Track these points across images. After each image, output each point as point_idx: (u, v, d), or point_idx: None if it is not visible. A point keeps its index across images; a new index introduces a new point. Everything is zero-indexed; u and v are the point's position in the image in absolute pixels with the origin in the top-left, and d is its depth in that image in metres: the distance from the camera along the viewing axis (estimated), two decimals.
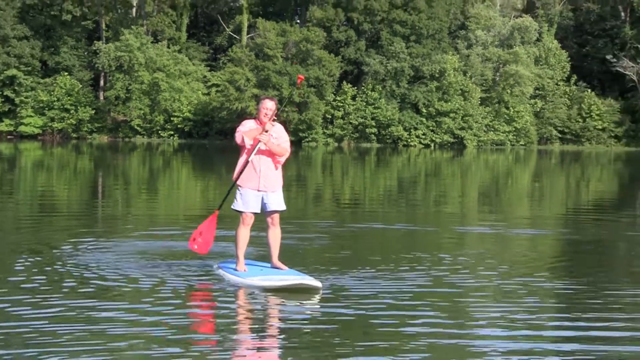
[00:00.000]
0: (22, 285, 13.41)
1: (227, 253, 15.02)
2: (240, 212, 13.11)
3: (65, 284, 13.58)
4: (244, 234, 13.07)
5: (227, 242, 16.29)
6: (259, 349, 10.01)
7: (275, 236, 13.18)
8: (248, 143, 12.93)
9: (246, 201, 13.06)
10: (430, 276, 14.39)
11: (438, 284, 13.80)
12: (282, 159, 13.34)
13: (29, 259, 15.73)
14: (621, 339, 10.92)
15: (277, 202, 13.13)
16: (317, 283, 12.33)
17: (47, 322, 11.04)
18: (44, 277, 14.08)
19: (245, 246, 13.20)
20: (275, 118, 13.21)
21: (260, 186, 12.99)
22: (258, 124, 13.14)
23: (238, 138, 13.09)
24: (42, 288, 13.27)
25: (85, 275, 14.27)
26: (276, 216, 13.21)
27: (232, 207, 13.29)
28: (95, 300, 12.52)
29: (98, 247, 17.75)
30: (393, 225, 24.04)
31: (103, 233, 20.82)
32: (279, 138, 13.13)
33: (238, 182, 13.13)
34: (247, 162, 13.04)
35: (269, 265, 13.30)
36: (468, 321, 11.69)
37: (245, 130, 13.01)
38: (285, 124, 13.65)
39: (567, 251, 19.98)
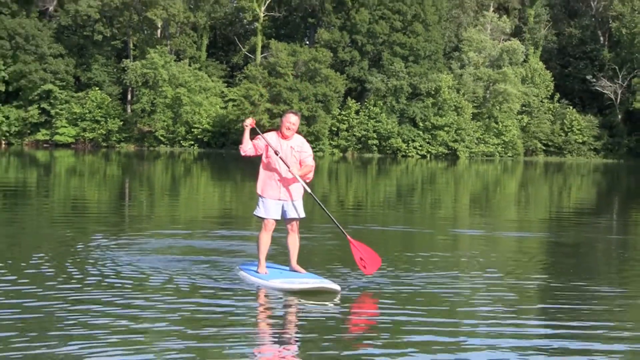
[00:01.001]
0: (50, 277, 13.41)
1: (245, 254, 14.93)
2: (262, 219, 12.86)
3: (90, 277, 13.57)
4: (265, 238, 12.84)
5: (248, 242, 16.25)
6: (276, 342, 9.98)
7: (294, 242, 12.93)
8: (246, 148, 12.89)
9: (267, 209, 12.77)
10: (425, 275, 14.36)
11: (433, 282, 13.76)
12: (311, 175, 13.15)
13: (60, 253, 15.75)
14: (598, 335, 10.90)
15: (296, 210, 12.85)
16: (336, 286, 12.11)
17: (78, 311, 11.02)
18: (75, 269, 14.07)
19: (267, 250, 12.95)
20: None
21: (281, 196, 12.74)
22: (280, 136, 12.89)
23: (246, 149, 12.97)
24: (72, 280, 13.27)
25: (110, 269, 14.27)
26: (295, 223, 12.93)
27: (254, 213, 13.08)
28: (115, 292, 12.50)
29: (123, 243, 17.76)
30: (392, 227, 24.03)
31: (129, 231, 20.82)
32: (302, 152, 12.87)
33: (261, 192, 12.89)
34: (266, 173, 12.86)
35: (287, 268, 13.10)
36: (460, 317, 11.66)
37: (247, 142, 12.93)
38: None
39: (550, 252, 19.95)
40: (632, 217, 32.15)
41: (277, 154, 12.61)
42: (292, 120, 12.80)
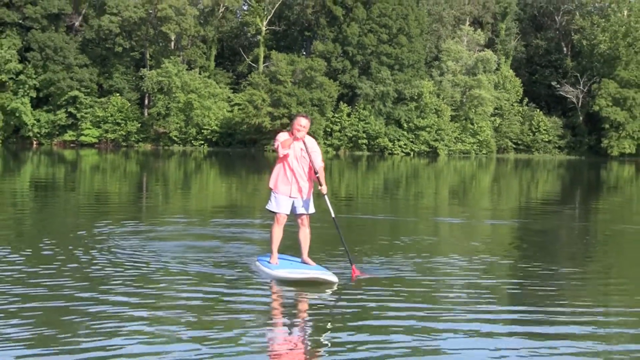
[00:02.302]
0: (77, 263, 13.41)
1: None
2: (275, 213, 12.49)
3: (107, 262, 13.57)
4: (277, 231, 12.45)
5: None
6: (269, 327, 9.95)
7: (304, 235, 12.52)
8: (282, 152, 12.28)
9: (279, 204, 12.40)
10: (409, 260, 14.35)
11: (417, 267, 13.73)
12: (322, 170, 12.61)
13: (84, 241, 15.75)
14: (565, 313, 10.90)
15: (305, 206, 12.45)
16: (333, 278, 11.69)
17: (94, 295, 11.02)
18: (95, 254, 14.07)
19: (279, 242, 12.53)
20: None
21: (293, 193, 12.39)
22: (291, 135, 12.35)
23: (275, 146, 12.47)
24: (93, 264, 13.26)
25: (127, 255, 14.27)
26: (305, 218, 12.51)
27: (266, 207, 12.70)
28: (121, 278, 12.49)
29: (140, 230, 17.76)
30: (380, 216, 24.04)
31: (146, 219, 20.80)
32: (314, 152, 12.37)
33: (274, 188, 12.49)
34: (280, 171, 12.44)
35: (299, 260, 12.65)
36: (440, 301, 11.66)
37: (282, 141, 12.30)
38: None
39: (520, 238, 19.94)
40: (591, 206, 32.16)
41: (316, 174, 12.31)
42: (302, 123, 12.33)
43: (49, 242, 15.46)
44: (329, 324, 9.71)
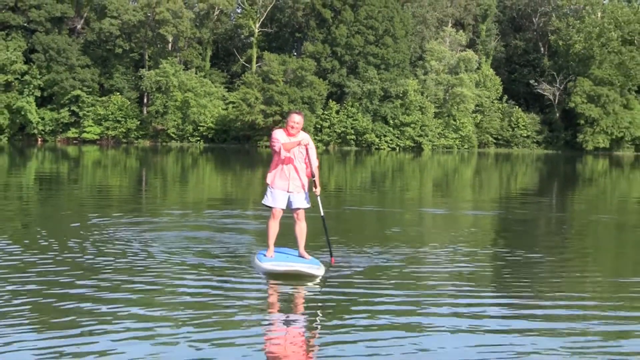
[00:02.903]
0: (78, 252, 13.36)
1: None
2: (271, 207, 12.03)
3: (108, 253, 13.52)
4: (273, 225, 12.01)
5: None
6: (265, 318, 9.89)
7: (300, 229, 12.12)
8: (284, 154, 11.89)
9: (275, 198, 11.95)
10: (395, 249, 14.32)
11: (402, 256, 13.68)
12: (317, 169, 12.32)
13: (85, 232, 15.70)
14: (542, 296, 10.91)
15: (301, 201, 12.04)
16: (319, 272, 11.34)
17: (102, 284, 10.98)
18: (95, 245, 14.03)
19: (275, 236, 12.05)
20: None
21: (289, 188, 12.01)
22: (287, 133, 11.93)
23: (276, 147, 11.95)
24: (90, 254, 13.22)
25: (126, 245, 14.23)
26: (301, 212, 12.11)
27: (262, 202, 12.23)
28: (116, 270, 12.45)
29: (140, 221, 17.70)
30: (367, 207, 24.02)
31: (146, 212, 20.75)
32: (309, 149, 12.02)
33: (271, 183, 12.06)
34: (278, 166, 12.03)
35: (296, 253, 12.24)
36: (423, 288, 11.64)
37: (285, 142, 11.86)
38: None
39: (500, 227, 19.95)
40: (567, 197, 32.21)
41: (313, 177, 12.13)
42: (295, 119, 11.96)
43: (49, 233, 15.39)
44: (319, 311, 9.65)
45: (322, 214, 12.50)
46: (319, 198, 12.34)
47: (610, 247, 16.97)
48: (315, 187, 12.15)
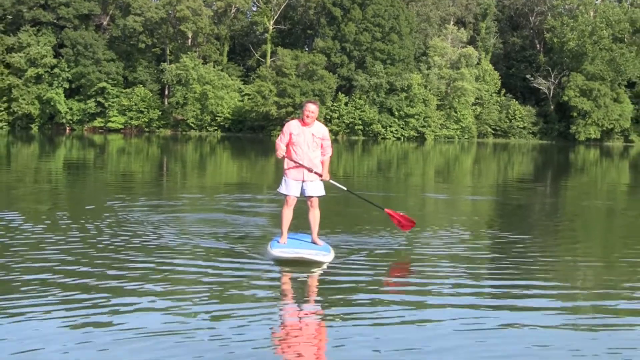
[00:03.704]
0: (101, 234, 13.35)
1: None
2: (285, 195, 11.68)
3: (126, 236, 13.52)
4: (287, 213, 11.65)
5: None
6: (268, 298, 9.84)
7: (314, 217, 11.68)
8: (280, 154, 11.49)
9: (289, 187, 11.54)
10: (398, 231, 14.28)
11: (407, 240, 13.64)
12: (328, 159, 11.85)
13: (106, 213, 15.70)
14: (537, 277, 10.90)
15: (314, 189, 11.56)
16: (326, 259, 10.93)
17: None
18: (118, 228, 14.02)
19: (289, 223, 11.69)
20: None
21: (304, 177, 11.50)
22: (302, 123, 11.54)
23: (277, 145, 11.60)
24: (114, 236, 13.21)
25: (147, 229, 14.23)
26: (315, 200, 11.64)
27: (278, 190, 11.86)
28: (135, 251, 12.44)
29: (158, 205, 17.70)
30: (373, 192, 23.98)
31: (166, 197, 20.76)
32: (324, 139, 11.67)
33: (285, 172, 11.63)
34: (294, 154, 11.56)
35: (309, 240, 11.74)
36: (426, 268, 11.63)
37: (279, 143, 11.52)
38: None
39: (498, 212, 19.92)
40: (561, 184, 32.14)
41: (311, 172, 11.53)
42: (311, 108, 11.45)
43: (71, 214, 15.40)
44: (322, 297, 9.60)
45: (344, 188, 12.34)
46: (332, 181, 11.96)
47: (599, 231, 16.92)
48: (321, 175, 11.62)
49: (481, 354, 7.00)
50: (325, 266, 10.79)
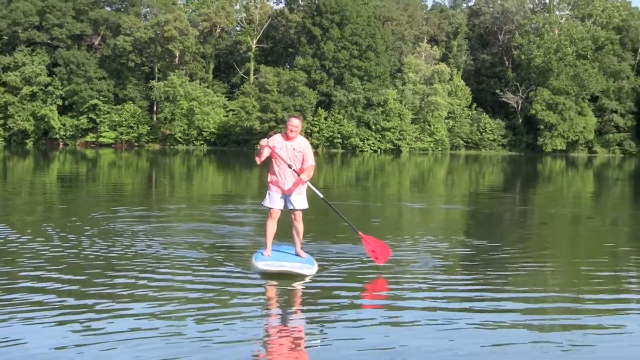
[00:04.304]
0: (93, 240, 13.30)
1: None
2: (269, 208, 11.23)
3: (118, 246, 13.46)
4: (270, 225, 11.19)
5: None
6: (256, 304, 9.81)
7: (297, 230, 11.26)
8: (258, 160, 11.12)
9: (272, 200, 11.13)
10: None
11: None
12: (312, 172, 11.30)
13: (100, 223, 15.64)
14: (507, 282, 10.94)
15: (297, 202, 11.17)
16: (308, 272, 10.49)
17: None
18: (109, 238, 13.97)
19: (272, 236, 11.25)
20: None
21: (285, 190, 11.06)
22: (285, 138, 11.14)
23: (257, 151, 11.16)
24: (105, 247, 13.15)
25: (137, 240, 14.18)
26: (298, 213, 11.24)
27: (262, 203, 11.42)
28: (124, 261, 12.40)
29: (149, 215, 17.64)
30: (352, 201, 23.97)
31: (155, 207, 20.70)
32: (305, 153, 11.23)
33: (269, 186, 11.21)
34: (274, 169, 11.15)
35: (293, 252, 11.35)
36: (402, 273, 11.63)
37: (258, 150, 11.05)
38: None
39: (470, 220, 19.96)
40: (529, 193, 32.26)
41: (290, 168, 11.06)
42: (294, 123, 11.10)
43: (60, 224, 15.33)
44: (306, 306, 9.59)
45: (321, 196, 11.53)
46: (309, 184, 11.29)
47: (565, 237, 17.00)
48: (298, 176, 11.06)
49: (453, 351, 7.11)
50: (307, 279, 10.42)
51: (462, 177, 44.45)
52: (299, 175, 11.10)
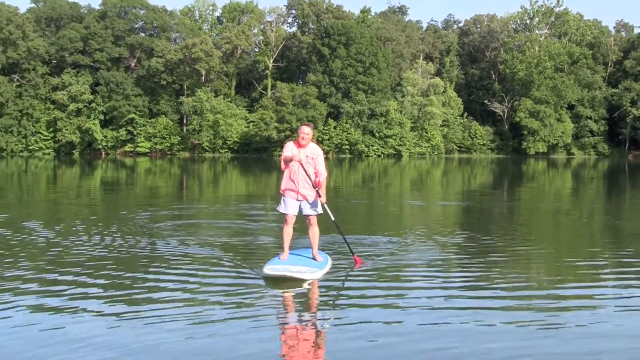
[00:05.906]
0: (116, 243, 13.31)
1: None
2: (284, 214, 10.52)
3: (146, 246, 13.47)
4: (286, 230, 10.42)
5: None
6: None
7: (313, 234, 10.55)
8: (283, 165, 10.37)
9: (287, 206, 10.40)
10: (380, 233, 14.29)
11: (383, 244, 13.62)
12: (324, 180, 10.55)
13: (136, 227, 15.68)
14: (496, 274, 10.92)
15: (312, 207, 10.48)
16: (306, 277, 9.64)
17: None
18: (139, 237, 13.99)
19: (289, 240, 10.49)
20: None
21: (298, 197, 10.36)
22: (297, 145, 10.48)
23: (281, 158, 10.44)
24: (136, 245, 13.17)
25: (169, 241, 14.18)
26: (312, 218, 10.52)
27: (277, 208, 10.73)
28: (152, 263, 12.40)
29: (179, 215, 17.67)
30: (359, 200, 23.98)
31: (186, 208, 20.73)
32: (316, 160, 10.57)
33: (283, 192, 10.49)
34: (288, 175, 10.47)
35: (310, 256, 10.56)
36: (401, 266, 11.59)
37: (285, 156, 10.34)
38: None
39: (463, 215, 19.92)
40: (515, 191, 32.17)
41: (309, 178, 10.41)
42: (305, 131, 10.43)
43: (104, 224, 15.38)
44: (312, 307, 9.43)
45: (332, 218, 10.88)
46: (326, 206, 10.73)
47: (549, 230, 16.96)
48: (320, 197, 10.49)
49: (450, 344, 7.06)
50: (307, 284, 9.51)
51: (456, 178, 44.37)
52: (315, 188, 10.45)
